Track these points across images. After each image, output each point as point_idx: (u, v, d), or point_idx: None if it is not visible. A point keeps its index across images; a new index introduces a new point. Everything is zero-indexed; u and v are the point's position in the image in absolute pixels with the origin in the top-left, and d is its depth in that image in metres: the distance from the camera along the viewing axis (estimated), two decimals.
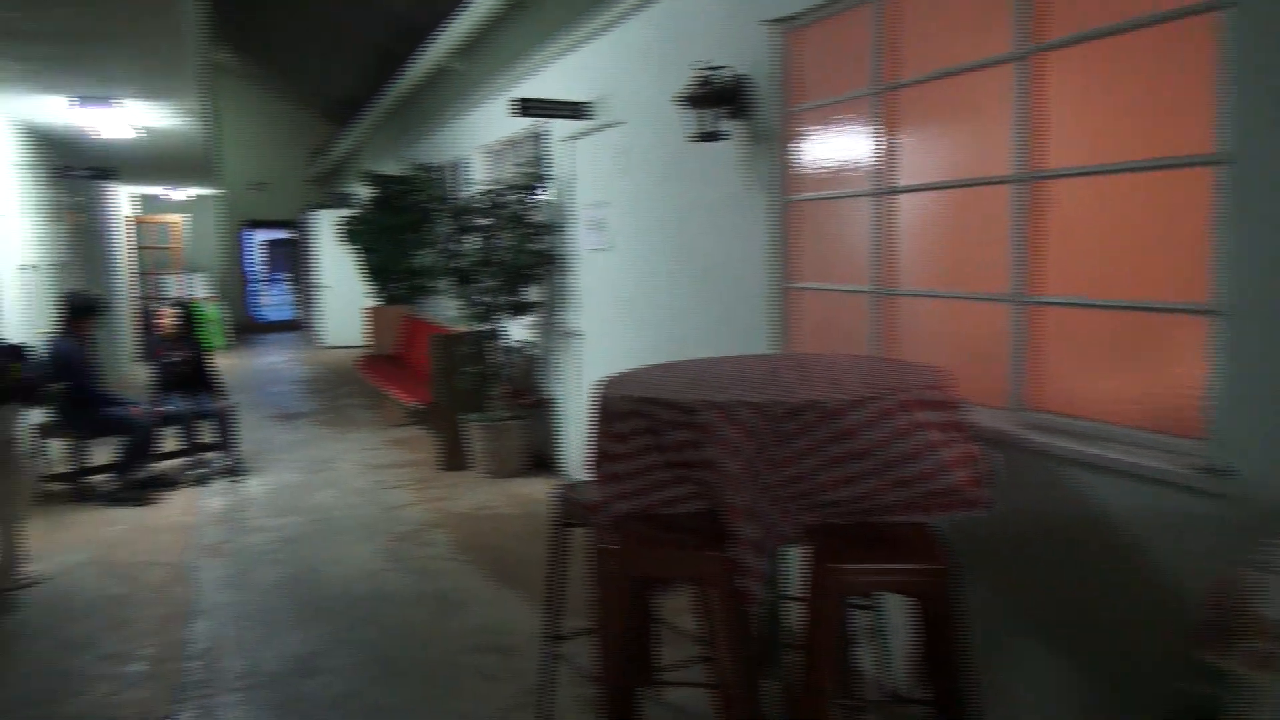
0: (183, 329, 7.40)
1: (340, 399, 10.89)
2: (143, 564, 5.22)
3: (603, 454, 2.81)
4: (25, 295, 7.16)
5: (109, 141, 8.18)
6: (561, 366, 6.92)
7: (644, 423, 2.68)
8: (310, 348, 16.89)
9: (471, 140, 8.90)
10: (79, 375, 6.44)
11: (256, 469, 7.44)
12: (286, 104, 20.11)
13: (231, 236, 19.89)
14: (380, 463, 7.60)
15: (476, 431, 6.97)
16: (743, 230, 4.35)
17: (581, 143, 6.38)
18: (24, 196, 7.29)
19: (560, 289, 6.84)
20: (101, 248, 11.66)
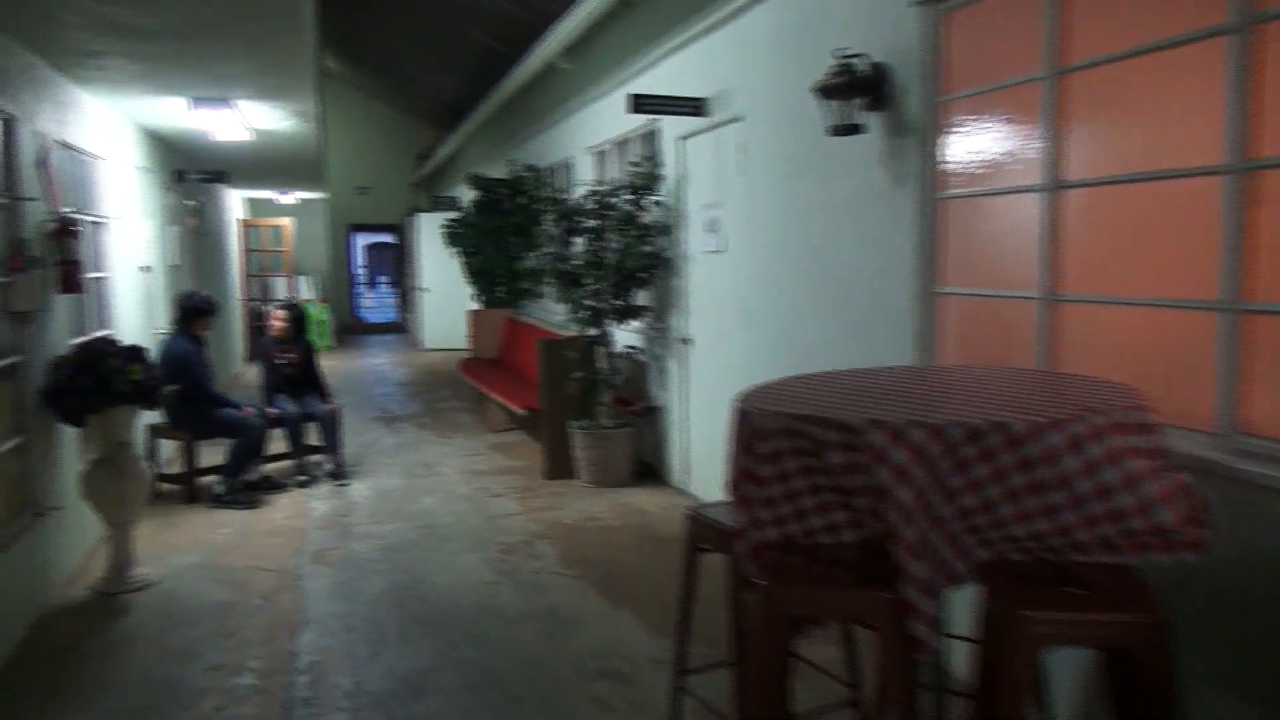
0: (292, 331, 7.40)
1: (441, 402, 10.86)
2: (250, 569, 5.15)
3: (744, 475, 2.54)
4: (143, 296, 7.25)
5: (223, 144, 8.27)
6: (669, 373, 6.67)
7: (796, 442, 2.39)
8: (411, 350, 17.04)
9: (578, 141, 8.73)
10: (192, 376, 6.45)
11: (360, 472, 7.38)
12: (390, 109, 20.41)
13: (336, 240, 20.26)
14: (483, 469, 7.47)
15: (582, 439, 6.77)
16: (881, 230, 4.02)
17: (695, 141, 6.12)
18: (143, 199, 7.39)
19: (669, 293, 6.59)
20: (215, 250, 11.90)
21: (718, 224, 5.79)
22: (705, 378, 6.16)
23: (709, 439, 6.11)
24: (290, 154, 9.33)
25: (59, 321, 4.99)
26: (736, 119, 5.41)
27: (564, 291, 6.90)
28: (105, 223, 6.18)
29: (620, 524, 5.89)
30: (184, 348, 6.49)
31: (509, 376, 9.24)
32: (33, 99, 4.72)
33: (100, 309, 6.07)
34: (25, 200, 4.50)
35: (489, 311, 10.99)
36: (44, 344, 4.74)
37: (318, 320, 17.38)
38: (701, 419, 6.24)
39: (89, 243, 5.76)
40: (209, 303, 6.73)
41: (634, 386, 7.15)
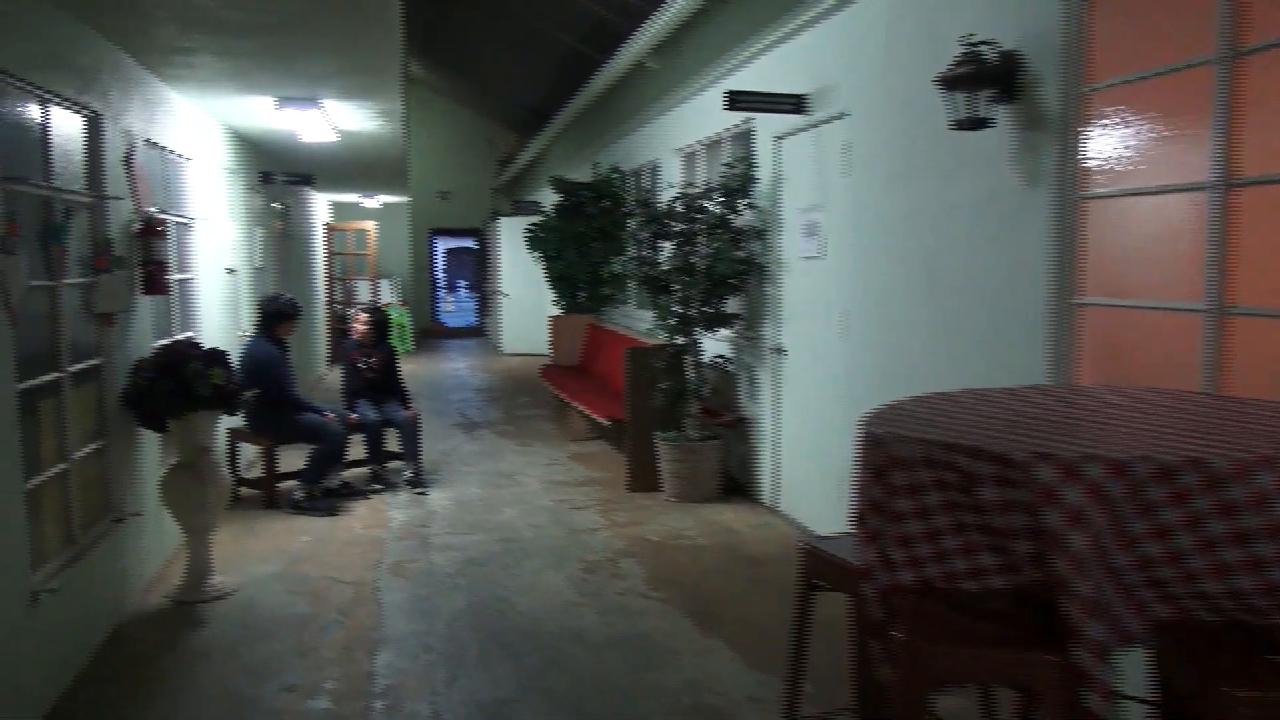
0: (374, 335, 7.29)
1: (521, 409, 10.71)
2: (328, 580, 5.00)
3: (874, 507, 2.24)
4: (227, 298, 7.21)
5: (310, 146, 8.23)
6: (760, 385, 6.36)
7: (940, 474, 2.08)
8: (489, 355, 17.00)
9: (665, 143, 8.48)
10: (275, 380, 6.37)
11: (439, 481, 7.23)
12: (473, 114, 20.48)
13: (418, 243, 20.39)
14: (564, 479, 7.25)
15: (667, 451, 6.50)
16: (1009, 234, 3.67)
17: (792, 140, 5.81)
18: (229, 201, 7.37)
19: (762, 300, 6.29)
20: (300, 253, 11.97)
21: (816, 228, 5.47)
22: (799, 390, 5.84)
23: (803, 455, 5.78)
24: (375, 156, 9.27)
25: (142, 323, 4.91)
26: (840, 116, 5.09)
27: (651, 298, 6.65)
28: (191, 224, 6.13)
29: (709, 543, 5.59)
30: (266, 351, 6.41)
31: (591, 384, 9.03)
32: (121, 97, 4.64)
33: (184, 311, 6.02)
34: (110, 199, 4.42)
35: (570, 317, 10.81)
36: (126, 346, 4.66)
37: (399, 324, 17.47)
38: (794, 434, 5.92)
39: (174, 244, 5.70)
40: (292, 306, 6.64)
41: (722, 398, 6.86)
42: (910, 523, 2.17)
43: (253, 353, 6.42)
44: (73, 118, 4.15)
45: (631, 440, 6.75)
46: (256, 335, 6.59)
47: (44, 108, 3.80)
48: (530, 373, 13.92)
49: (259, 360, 6.36)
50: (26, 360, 3.55)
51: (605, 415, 7.19)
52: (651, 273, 6.63)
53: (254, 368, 6.34)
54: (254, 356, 6.38)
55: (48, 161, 3.82)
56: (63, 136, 4.01)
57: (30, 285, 3.53)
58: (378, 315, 7.33)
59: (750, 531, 5.80)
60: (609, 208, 10.27)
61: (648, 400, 6.58)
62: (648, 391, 6.57)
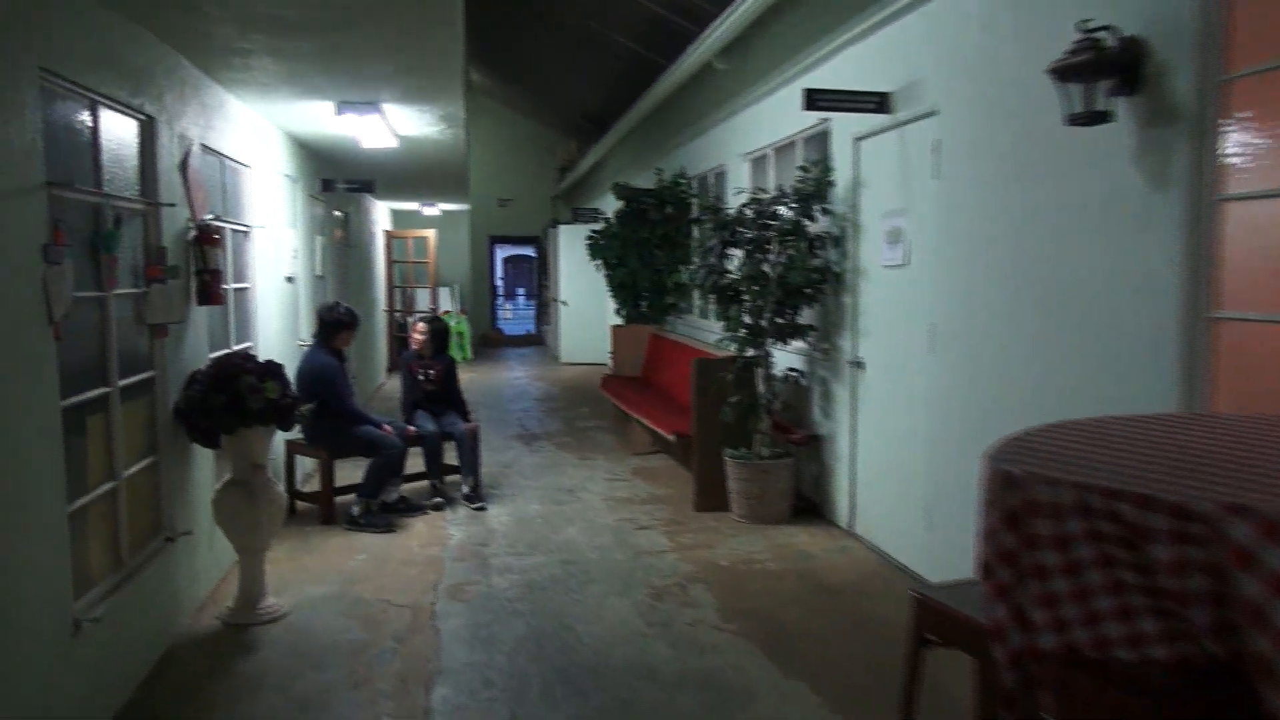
0: (433, 345, 7.11)
1: (581, 420, 10.47)
2: (384, 604, 4.78)
3: (1007, 559, 1.92)
4: (286, 308, 7.08)
5: (370, 153, 8.10)
6: (835, 400, 6.02)
7: (1096, 525, 1.76)
8: (548, 363, 16.83)
9: (732, 148, 8.18)
10: (333, 392, 6.20)
11: (499, 496, 7.00)
12: (532, 121, 20.39)
13: (478, 251, 20.33)
14: (627, 496, 6.98)
15: (736, 469, 6.19)
16: (1130, 241, 3.31)
17: (873, 142, 5.48)
18: (289, 208, 7.24)
19: (838, 311, 5.95)
20: (361, 261, 11.90)
21: (900, 235, 5.13)
22: (879, 407, 5.50)
23: (882, 476, 5.43)
24: (436, 162, 9.12)
25: (197, 334, 4.75)
26: (929, 114, 4.75)
27: (720, 308, 6.35)
28: (249, 232, 5.99)
29: (782, 568, 5.27)
30: (324, 362, 6.25)
31: (654, 397, 8.75)
32: (176, 101, 4.49)
33: (241, 321, 5.87)
34: (164, 206, 4.26)
35: (632, 327, 10.55)
36: (180, 358, 4.49)
37: (458, 332, 17.39)
38: (873, 453, 5.57)
39: (232, 252, 5.55)
40: (350, 315, 6.48)
41: (794, 413, 6.53)
42: (1055, 579, 1.85)
43: (310, 363, 6.27)
44: (125, 121, 3.99)
45: (698, 457, 6.46)
46: (314, 345, 6.44)
47: (94, 110, 3.64)
48: (590, 383, 13.69)
49: (316, 371, 6.20)
50: (74, 374, 3.39)
51: (670, 430, 6.90)
52: (721, 282, 6.34)
53: (311, 379, 6.19)
54: (311, 367, 6.23)
55: (98, 166, 3.66)
56: (114, 140, 3.85)
57: (78, 296, 3.36)
58: (436, 325, 7.15)
59: (826, 556, 5.46)
60: (673, 214, 10.01)
61: (716, 415, 6.28)
62: (716, 406, 6.27)
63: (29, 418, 2.95)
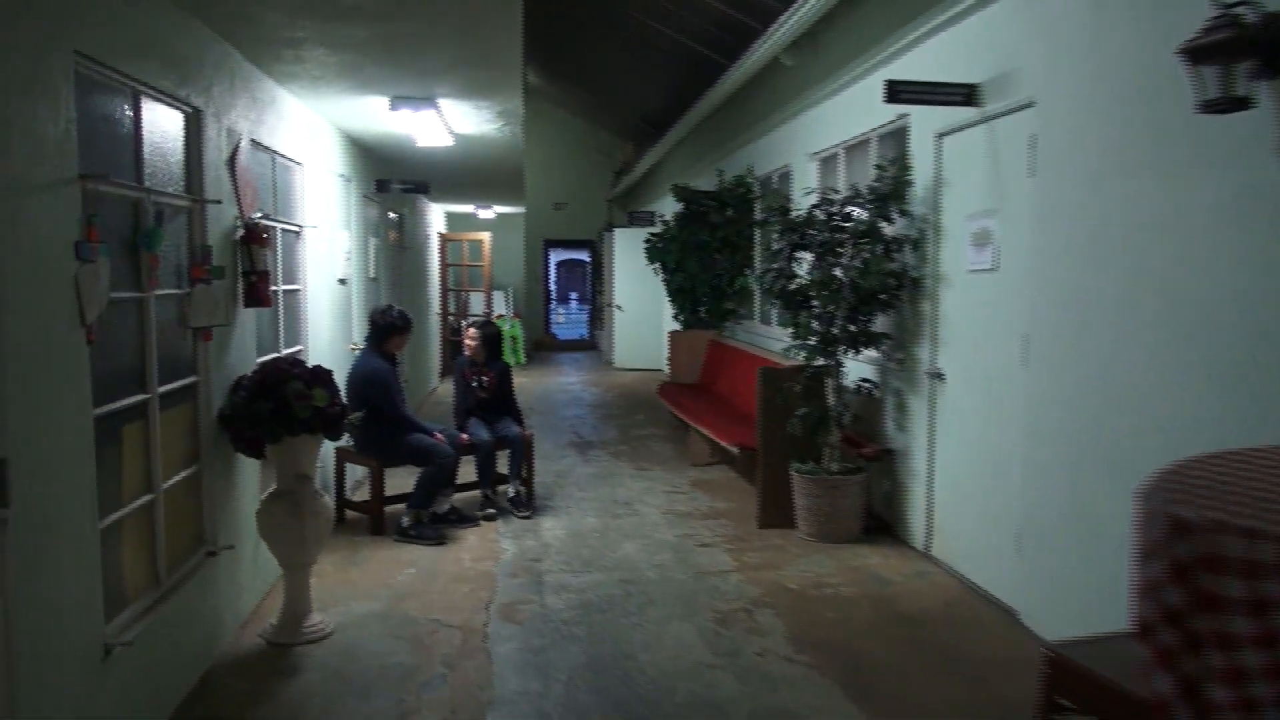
0: (487, 351, 6.87)
1: (637, 428, 10.18)
2: (434, 624, 4.53)
3: (1174, 620, 1.60)
4: (339, 310, 6.90)
5: (425, 153, 7.90)
6: (911, 413, 5.65)
7: None
8: (602, 369, 16.58)
9: (798, 148, 7.85)
10: (384, 398, 5.99)
11: (553, 507, 6.74)
12: (588, 124, 20.19)
13: (532, 255, 20.17)
14: (687, 510, 6.67)
15: (804, 485, 5.84)
16: (1275, 244, 2.92)
17: (958, 138, 5.11)
18: (342, 208, 7.07)
19: (916, 319, 5.59)
20: (416, 264, 11.75)
21: (988, 237, 4.76)
22: (961, 422, 5.12)
23: (965, 496, 5.05)
24: (492, 163, 8.90)
25: (243, 338, 4.55)
26: (1024, 106, 4.38)
27: (790, 314, 6.02)
28: (300, 232, 5.80)
29: (856, 594, 4.92)
30: (376, 366, 6.04)
31: (714, 405, 8.43)
32: (225, 93, 4.29)
33: (291, 324, 5.68)
34: (210, 203, 4.05)
35: (690, 333, 10.24)
36: (225, 362, 4.29)
37: (511, 335, 17.22)
38: (953, 470, 5.20)
39: (282, 252, 5.36)
40: (404, 319, 6.26)
41: (865, 426, 6.17)
42: (1247, 652, 1.51)
43: (362, 368, 6.06)
44: (170, 113, 3.79)
45: (763, 471, 6.13)
46: (366, 349, 6.24)
47: (136, 100, 3.44)
48: (645, 389, 13.42)
49: (367, 377, 5.99)
50: (111, 380, 3.18)
51: (733, 442, 6.57)
52: (789, 287, 6.01)
53: (362, 385, 5.99)
54: (362, 373, 6.03)
55: (139, 160, 3.45)
56: (158, 133, 3.65)
57: (116, 297, 3.16)
58: (488, 331, 6.90)
59: (903, 582, 5.09)
60: (734, 217, 9.69)
61: (782, 427, 5.94)
62: (782, 417, 5.94)
63: (58, 427, 2.73)
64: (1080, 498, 3.95)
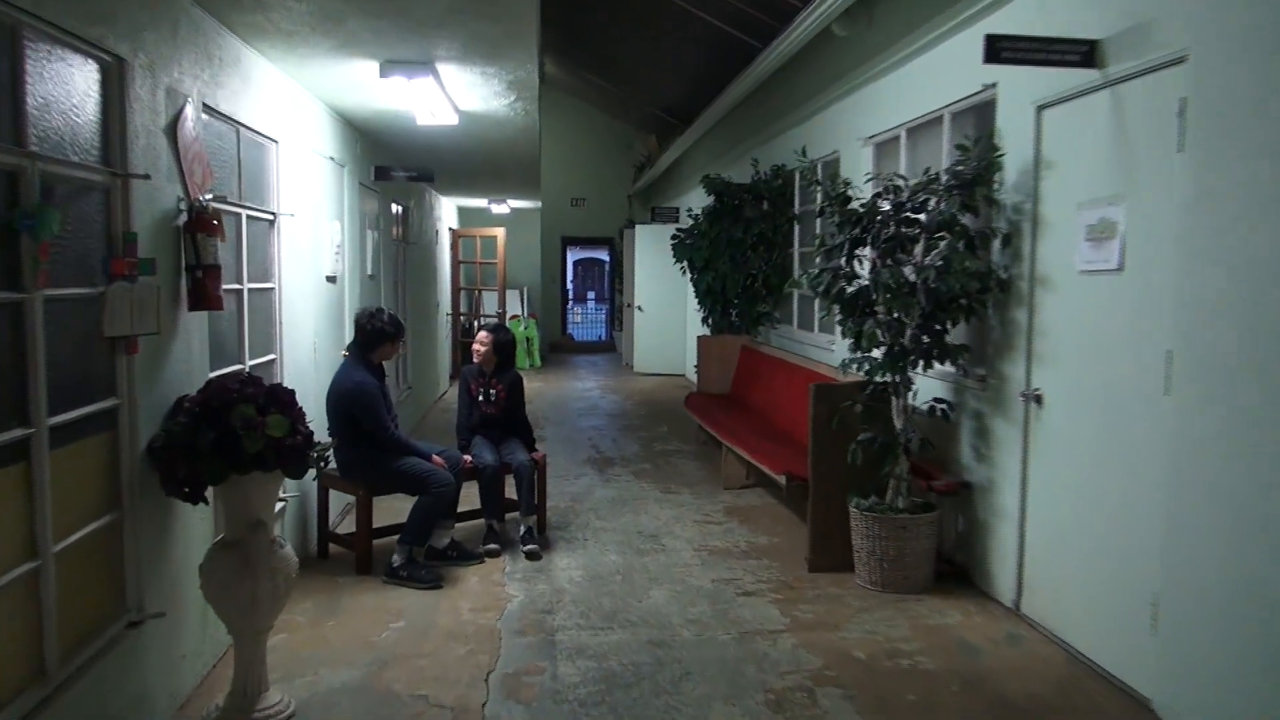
0: (498, 359, 5.99)
1: (661, 442, 9.28)
2: (421, 702, 3.65)
3: None
4: (327, 312, 6.06)
5: (428, 135, 7.05)
6: (997, 441, 4.74)
7: None
8: (620, 373, 15.69)
9: (849, 132, 6.93)
10: (371, 415, 5.13)
11: (568, 539, 5.86)
12: (608, 116, 19.31)
13: (549, 253, 19.28)
14: (723, 545, 5.77)
15: (867, 524, 4.94)
16: None
17: (1067, 109, 4.20)
18: (333, 197, 6.21)
19: (1005, 328, 4.68)
20: (424, 261, 10.91)
21: (1111, 230, 3.84)
22: (1066, 454, 4.21)
23: (1071, 546, 4.14)
24: (504, 149, 8.03)
25: (188, 348, 3.68)
26: (1169, 63, 3.46)
27: (849, 322, 5.11)
28: (274, 220, 4.94)
29: (940, 667, 4.01)
30: (360, 380, 5.17)
31: (748, 421, 7.53)
32: (163, 43, 3.43)
33: (261, 329, 4.82)
34: (135, 178, 3.19)
35: (721, 338, 9.33)
36: (160, 380, 3.43)
37: (527, 337, 16.36)
38: (1056, 513, 4.28)
39: (248, 244, 4.50)
40: (395, 325, 5.38)
41: (934, 452, 5.25)
42: None
43: (344, 382, 5.20)
44: (77, 61, 2.93)
45: (815, 504, 5.23)
46: (349, 360, 5.36)
47: (14, 38, 2.58)
48: (667, 396, 12.53)
49: (350, 392, 5.13)
50: None
51: (781, 470, 5.66)
52: (848, 289, 5.10)
53: (345, 400, 5.14)
54: (345, 387, 5.17)
55: (19, 116, 2.59)
56: (56, 85, 2.79)
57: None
58: (501, 335, 6.03)
59: (994, 650, 4.18)
60: (769, 212, 8.78)
61: (839, 453, 5.05)
62: (839, 442, 5.04)
63: None
64: (1244, 564, 3.05)
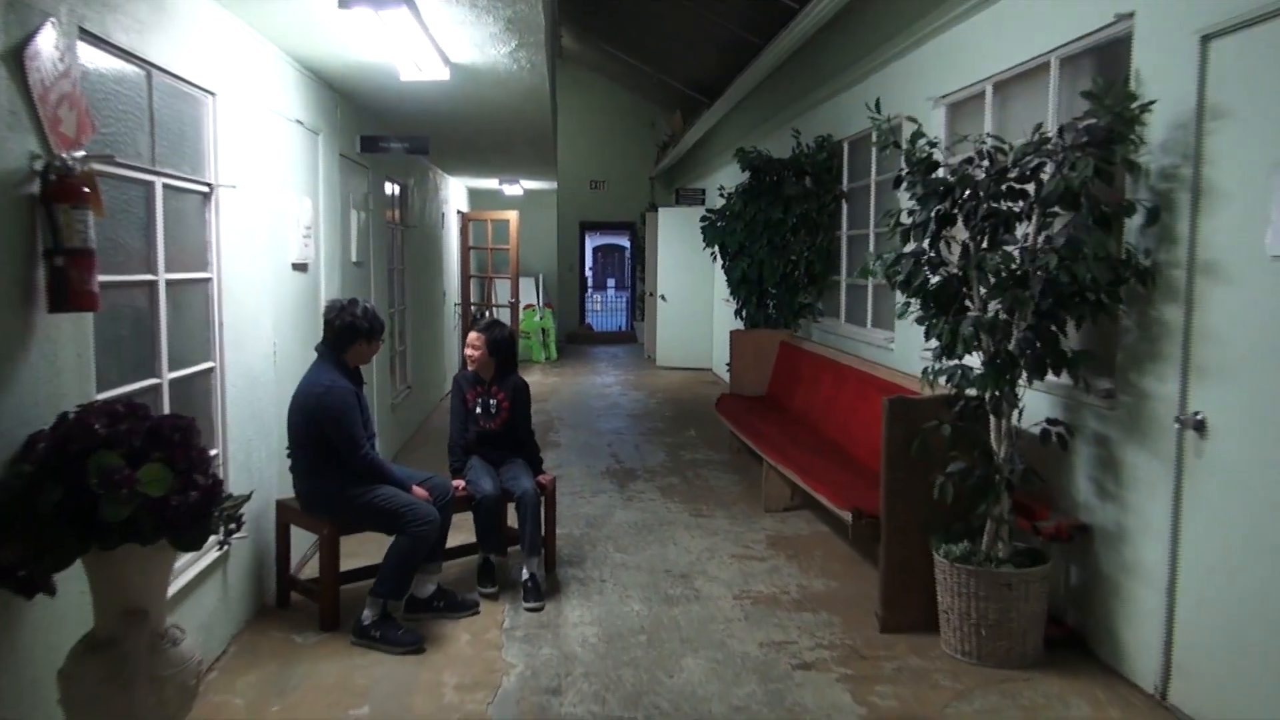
0: (496, 364, 4.97)
1: (688, 449, 8.23)
2: None
3: None
4: (298, 305, 5.06)
5: (420, 98, 6.04)
6: (1129, 475, 3.67)
7: None
8: (642, 366, 14.65)
9: (918, 91, 5.82)
10: (340, 431, 4.12)
11: (581, 578, 4.86)
12: (630, 93, 18.23)
13: (565, 238, 18.22)
14: (769, 590, 4.74)
15: (958, 577, 3.89)
16: None
17: (1241, 40, 3.11)
18: (300, 167, 5.20)
19: (1148, 331, 3.60)
20: (424, 246, 9.90)
21: None
22: (1242, 500, 3.14)
23: (1243, 621, 3.07)
24: (510, 115, 6.98)
25: (51, 363, 2.67)
26: None
27: (938, 319, 4.04)
28: (210, 193, 3.93)
29: None
30: (330, 387, 4.14)
31: (792, 431, 6.47)
32: None
33: (193, 332, 3.81)
34: None
35: (756, 333, 8.26)
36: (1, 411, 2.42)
37: (541, 328, 15.34)
38: (1217, 574, 3.22)
39: (168, 222, 3.48)
40: (369, 319, 4.35)
41: (1037, 484, 4.16)
42: None
43: (309, 386, 4.19)
44: None
45: (889, 546, 4.18)
46: (318, 362, 4.33)
47: None
48: (693, 394, 11.49)
49: (318, 398, 4.12)
50: None
51: (847, 504, 4.59)
52: (932, 279, 4.04)
53: (309, 410, 4.13)
54: (310, 392, 4.16)
55: None
56: None
57: None
58: (496, 333, 4.98)
59: None
60: (813, 190, 7.69)
61: (918, 484, 4.00)
62: (919, 470, 4.00)
63: None
64: None
